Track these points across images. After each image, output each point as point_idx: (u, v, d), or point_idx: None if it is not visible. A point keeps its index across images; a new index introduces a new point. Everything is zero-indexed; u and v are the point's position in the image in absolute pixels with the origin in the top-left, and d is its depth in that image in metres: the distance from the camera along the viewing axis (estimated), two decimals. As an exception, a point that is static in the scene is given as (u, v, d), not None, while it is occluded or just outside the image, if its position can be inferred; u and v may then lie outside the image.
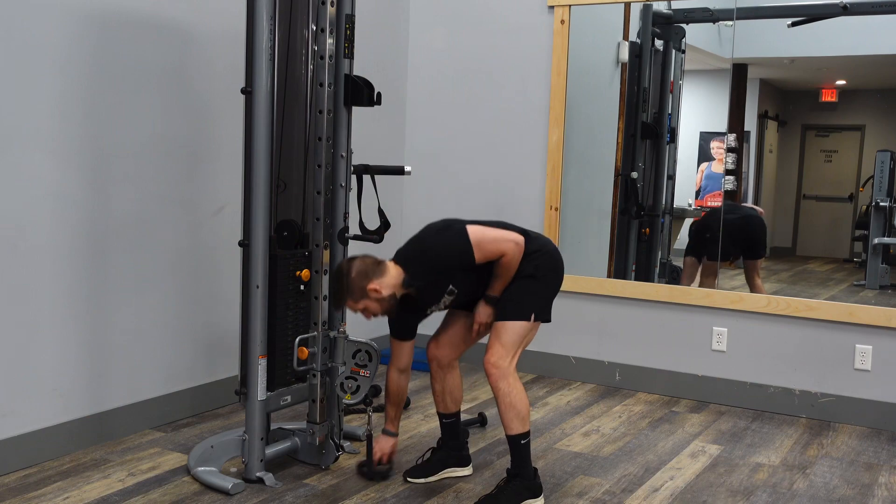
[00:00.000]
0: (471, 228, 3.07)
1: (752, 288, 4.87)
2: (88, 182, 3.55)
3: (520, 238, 3.10)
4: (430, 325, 3.50)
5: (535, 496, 3.17)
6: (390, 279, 3.07)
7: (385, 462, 3.40)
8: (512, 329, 3.10)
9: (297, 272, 3.41)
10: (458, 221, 3.14)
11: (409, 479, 3.35)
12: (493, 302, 3.17)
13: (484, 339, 3.30)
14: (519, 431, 3.10)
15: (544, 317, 3.19)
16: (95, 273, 3.61)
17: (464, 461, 3.46)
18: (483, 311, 3.21)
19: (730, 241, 4.83)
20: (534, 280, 3.14)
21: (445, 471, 3.41)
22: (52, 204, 3.42)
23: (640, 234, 5.07)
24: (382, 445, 3.40)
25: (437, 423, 3.49)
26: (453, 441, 3.44)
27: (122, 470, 3.41)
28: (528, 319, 3.12)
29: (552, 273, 3.21)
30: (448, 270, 3.11)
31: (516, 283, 3.13)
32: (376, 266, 3.08)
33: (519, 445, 3.12)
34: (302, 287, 3.44)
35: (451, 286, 3.14)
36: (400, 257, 3.15)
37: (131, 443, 3.71)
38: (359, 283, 3.04)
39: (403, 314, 3.22)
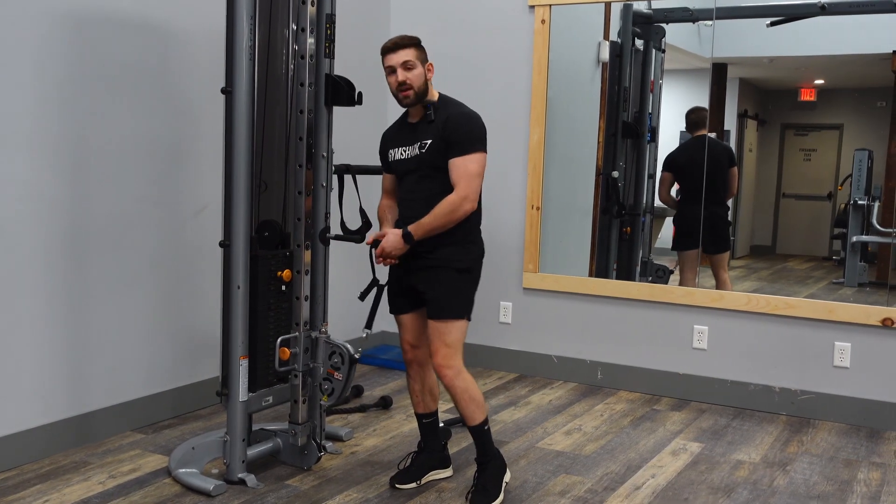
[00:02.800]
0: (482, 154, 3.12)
1: (721, 285, 4.88)
2: (68, 182, 3.53)
3: (474, 204, 3.09)
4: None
5: (505, 470, 3.28)
6: (431, 88, 3.17)
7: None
8: (456, 328, 3.11)
9: (279, 272, 3.40)
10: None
11: (397, 486, 3.32)
12: (409, 239, 3.06)
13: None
14: (481, 420, 3.17)
15: (470, 316, 3.21)
16: (75, 274, 3.58)
17: (445, 462, 3.46)
18: (392, 240, 3.08)
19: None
20: (470, 276, 3.17)
21: (430, 473, 3.40)
22: (30, 204, 3.39)
23: (622, 233, 5.09)
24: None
25: (417, 423, 3.48)
26: (434, 442, 3.43)
27: (103, 472, 3.39)
28: (467, 319, 3.16)
29: (479, 271, 3.23)
30: (454, 134, 3.06)
31: (453, 277, 3.12)
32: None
33: (483, 432, 3.19)
34: (283, 287, 3.43)
35: (428, 146, 3.09)
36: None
37: (112, 445, 3.69)
38: (423, 51, 3.13)
39: (394, 134, 3.27)
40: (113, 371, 3.79)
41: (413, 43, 3.10)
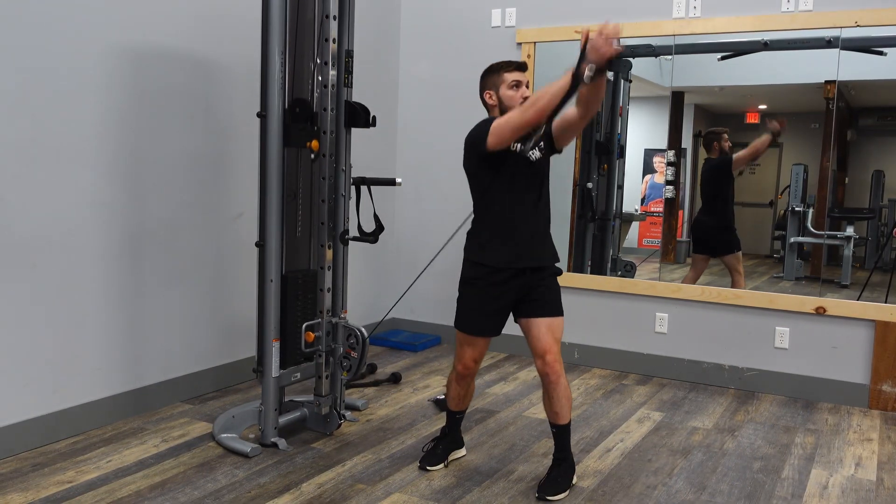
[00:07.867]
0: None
1: (735, 284, 4.75)
2: (126, 191, 3.53)
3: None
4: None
5: (575, 471, 3.04)
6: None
7: None
8: (562, 325, 2.92)
9: (305, 268, 3.40)
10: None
11: (427, 468, 3.15)
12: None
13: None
14: (569, 419, 2.95)
15: None
16: (132, 269, 3.59)
17: (461, 443, 3.32)
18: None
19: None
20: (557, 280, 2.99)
21: (451, 455, 3.25)
22: (95, 210, 3.40)
23: (595, 235, 5.09)
24: None
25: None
26: (457, 430, 3.27)
27: (157, 437, 3.40)
28: None
29: None
30: (471, 145, 2.80)
31: (554, 282, 2.94)
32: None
33: (567, 431, 2.97)
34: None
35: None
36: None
37: (164, 414, 3.70)
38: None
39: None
40: (165, 351, 3.79)
41: (525, 66, 2.93)
